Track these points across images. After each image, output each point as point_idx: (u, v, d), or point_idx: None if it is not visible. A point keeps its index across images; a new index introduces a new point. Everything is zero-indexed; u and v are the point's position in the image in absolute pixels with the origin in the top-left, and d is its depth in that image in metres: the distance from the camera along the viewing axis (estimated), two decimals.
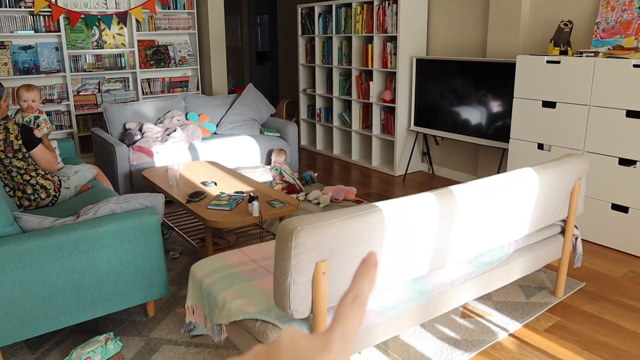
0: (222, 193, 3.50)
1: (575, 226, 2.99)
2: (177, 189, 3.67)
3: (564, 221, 2.96)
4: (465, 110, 4.95)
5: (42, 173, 3.39)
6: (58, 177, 3.51)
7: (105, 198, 3.35)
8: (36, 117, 3.68)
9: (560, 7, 4.31)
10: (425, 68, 5.28)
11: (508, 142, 4.39)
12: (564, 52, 3.94)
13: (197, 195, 3.41)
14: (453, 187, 2.28)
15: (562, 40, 3.94)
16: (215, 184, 3.72)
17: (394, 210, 1.99)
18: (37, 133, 3.42)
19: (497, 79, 4.61)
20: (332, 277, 1.89)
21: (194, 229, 3.89)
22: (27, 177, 3.30)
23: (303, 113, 7.15)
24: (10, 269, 2.28)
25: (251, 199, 3.09)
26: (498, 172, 4.77)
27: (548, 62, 3.87)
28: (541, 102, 3.96)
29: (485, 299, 3.07)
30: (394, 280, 2.14)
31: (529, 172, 2.54)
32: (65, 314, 2.48)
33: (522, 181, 2.49)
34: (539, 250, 2.83)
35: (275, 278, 1.86)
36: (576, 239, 3.05)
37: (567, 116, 3.81)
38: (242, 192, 3.49)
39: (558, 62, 3.80)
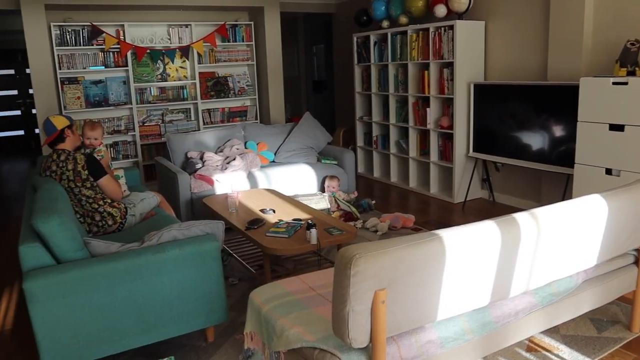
0: (280, 220, 3.53)
1: None
2: (237, 216, 3.73)
3: (638, 250, 2.80)
4: (527, 135, 4.82)
5: (109, 201, 3.53)
6: (124, 204, 3.64)
7: (168, 224, 3.45)
8: (94, 149, 3.86)
9: (626, 26, 4.17)
10: (484, 93, 5.20)
11: (573, 167, 4.22)
12: (631, 73, 3.79)
13: (256, 222, 3.45)
14: (516, 215, 2.20)
15: (629, 61, 3.80)
16: (274, 211, 3.76)
17: (454, 239, 1.95)
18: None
19: (559, 102, 4.47)
20: (392, 306, 1.86)
21: (253, 256, 3.93)
22: (96, 205, 3.45)
23: (360, 140, 7.17)
24: (80, 292, 2.37)
25: (309, 226, 3.10)
26: (563, 199, 4.60)
27: (614, 83, 3.72)
28: (608, 125, 3.80)
29: (553, 332, 2.93)
30: (455, 311, 2.08)
31: (597, 199, 2.43)
32: (130, 336, 2.55)
33: (590, 208, 2.38)
34: (611, 282, 2.68)
35: (334, 306, 1.84)
36: None
37: (637, 139, 3.64)
38: (300, 220, 3.51)
39: (625, 84, 3.66)
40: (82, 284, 2.37)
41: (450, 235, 1.95)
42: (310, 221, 3.14)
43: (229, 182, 4.86)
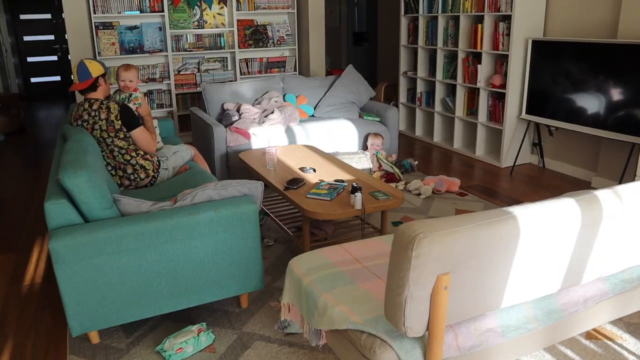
0: (321, 181, 3.30)
1: None
2: (275, 174, 3.52)
3: None
4: (588, 99, 4.42)
5: (142, 153, 3.35)
6: (157, 157, 3.47)
7: (202, 180, 3.27)
8: (130, 95, 3.65)
9: None
10: (543, 50, 4.78)
11: (639, 136, 3.86)
12: None
13: (296, 182, 3.23)
14: (598, 193, 1.92)
15: None
16: (314, 170, 3.53)
17: (530, 218, 1.68)
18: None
19: (630, 63, 4.05)
20: (454, 291, 1.63)
21: (290, 216, 3.74)
22: (128, 157, 3.28)
23: (402, 97, 6.82)
24: (108, 253, 2.21)
25: (354, 189, 2.87)
26: (625, 170, 4.24)
27: None
28: None
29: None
30: (522, 298, 1.84)
31: None
32: (160, 301, 2.40)
33: None
34: None
35: (389, 290, 1.62)
36: None
37: None
38: (343, 181, 3.28)
39: None
40: (110, 245, 2.20)
41: (525, 214, 1.69)
42: (355, 184, 2.90)
43: (266, 137, 4.64)
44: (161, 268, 2.33)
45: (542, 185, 4.80)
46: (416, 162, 5.20)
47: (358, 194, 2.82)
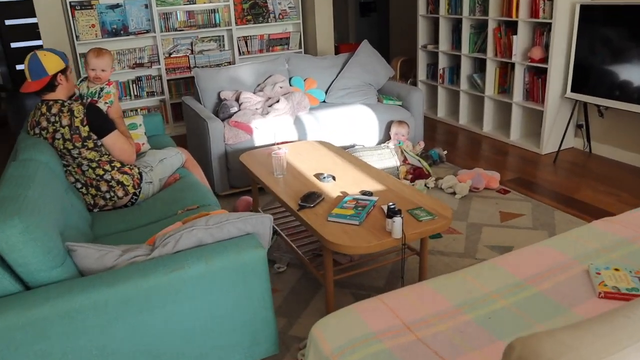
0: (344, 194, 2.62)
1: None
2: (284, 185, 2.84)
3: None
4: None
5: (119, 165, 2.69)
6: (138, 168, 2.80)
7: (196, 196, 2.62)
8: (102, 89, 2.94)
9: None
10: (593, 17, 4.03)
11: None
12: None
13: (312, 197, 2.55)
14: None
15: None
16: (334, 178, 2.85)
17: None
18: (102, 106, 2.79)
19: None
20: None
21: (305, 233, 3.08)
22: (101, 172, 2.61)
23: (422, 74, 6.08)
24: (57, 335, 1.57)
25: (391, 212, 2.19)
26: None
27: None
28: None
29: None
30: None
31: None
32: None
33: None
34: None
35: None
36: None
37: None
38: (371, 193, 2.60)
39: None
40: (60, 324, 1.55)
41: None
42: (392, 204, 2.22)
43: (272, 130, 3.95)
44: (135, 346, 1.68)
45: (594, 176, 4.11)
46: (445, 152, 4.51)
47: (397, 219, 2.14)
